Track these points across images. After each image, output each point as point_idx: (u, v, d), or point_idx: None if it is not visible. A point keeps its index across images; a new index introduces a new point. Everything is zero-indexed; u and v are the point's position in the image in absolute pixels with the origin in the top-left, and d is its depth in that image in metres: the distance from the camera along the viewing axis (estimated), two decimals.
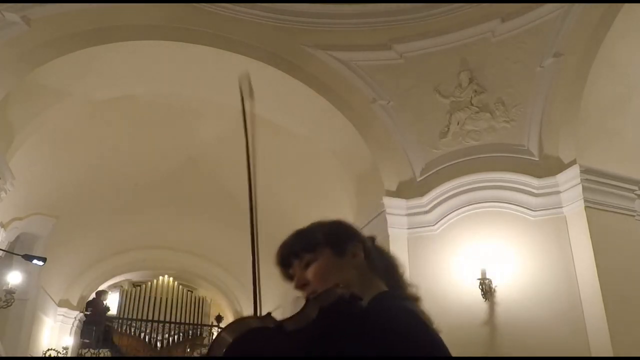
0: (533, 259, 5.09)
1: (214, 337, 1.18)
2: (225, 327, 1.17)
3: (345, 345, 1.13)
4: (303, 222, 1.50)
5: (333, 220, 1.51)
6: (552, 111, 5.35)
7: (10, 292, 7.09)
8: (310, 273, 1.39)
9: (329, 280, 1.31)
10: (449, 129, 5.77)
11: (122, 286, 14.47)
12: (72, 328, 11.04)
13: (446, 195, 5.57)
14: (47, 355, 9.81)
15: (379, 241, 1.57)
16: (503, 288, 5.03)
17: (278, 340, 1.14)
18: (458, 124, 5.72)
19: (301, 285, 1.41)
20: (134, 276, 14.18)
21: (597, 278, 4.66)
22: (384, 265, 1.44)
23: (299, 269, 1.42)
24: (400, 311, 1.26)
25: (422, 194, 5.64)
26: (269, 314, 1.22)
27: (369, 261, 1.41)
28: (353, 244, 1.42)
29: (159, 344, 13.52)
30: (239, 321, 1.18)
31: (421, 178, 5.78)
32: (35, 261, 6.39)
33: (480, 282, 5.01)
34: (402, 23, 5.86)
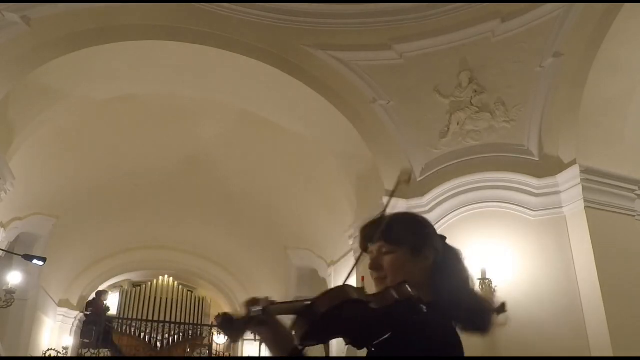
0: (533, 258, 5.08)
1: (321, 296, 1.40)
2: (333, 289, 1.40)
3: (396, 336, 1.35)
4: (303, 222, 1.52)
5: (420, 220, 1.73)
6: (552, 111, 5.35)
7: (10, 292, 7.09)
8: (386, 262, 1.59)
9: (400, 274, 1.53)
10: (449, 129, 5.77)
11: (122, 286, 14.48)
12: (72, 328, 11.05)
13: (446, 195, 5.57)
14: (47, 355, 9.81)
15: None
16: (503, 288, 5.03)
17: (364, 312, 1.37)
18: (458, 124, 5.72)
19: (374, 267, 1.61)
20: (134, 276, 14.19)
21: (597, 278, 4.66)
22: (443, 274, 1.61)
23: (377, 251, 1.61)
24: (451, 332, 1.47)
25: (422, 194, 5.63)
26: (362, 287, 1.44)
27: (434, 267, 1.60)
28: (429, 248, 1.61)
29: (159, 344, 13.53)
30: (343, 288, 1.39)
31: (421, 178, 5.78)
32: (35, 261, 6.38)
33: (480, 282, 5.01)
34: (402, 23, 5.86)
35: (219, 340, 13.66)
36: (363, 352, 1.45)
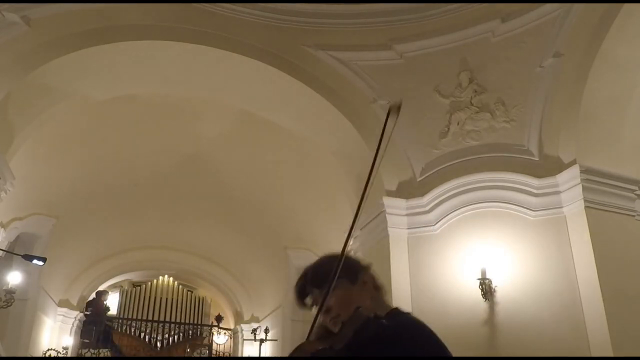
0: (533, 258, 5.09)
1: None
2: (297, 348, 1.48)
3: (377, 354, 1.41)
4: (303, 222, 1.54)
5: (341, 254, 1.74)
6: (552, 111, 5.35)
7: (10, 292, 7.08)
8: (332, 301, 1.60)
9: (350, 306, 1.56)
10: (449, 129, 5.77)
11: (122, 286, 14.47)
12: (72, 328, 11.05)
13: (446, 195, 5.57)
14: (47, 355, 9.81)
15: (379, 242, 1.78)
16: (503, 288, 5.03)
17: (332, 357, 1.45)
18: (458, 124, 5.72)
19: (325, 312, 1.62)
20: (134, 276, 14.18)
21: (597, 278, 4.66)
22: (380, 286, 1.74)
23: (320, 297, 1.62)
24: (416, 323, 1.53)
25: (422, 194, 5.64)
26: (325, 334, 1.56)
27: (374, 285, 1.71)
28: (362, 273, 1.70)
29: (159, 344, 13.52)
30: (306, 344, 1.50)
31: (421, 178, 5.78)
32: (35, 261, 6.38)
33: (480, 282, 5.01)
34: (402, 23, 5.86)
35: (219, 340, 13.66)
36: None
